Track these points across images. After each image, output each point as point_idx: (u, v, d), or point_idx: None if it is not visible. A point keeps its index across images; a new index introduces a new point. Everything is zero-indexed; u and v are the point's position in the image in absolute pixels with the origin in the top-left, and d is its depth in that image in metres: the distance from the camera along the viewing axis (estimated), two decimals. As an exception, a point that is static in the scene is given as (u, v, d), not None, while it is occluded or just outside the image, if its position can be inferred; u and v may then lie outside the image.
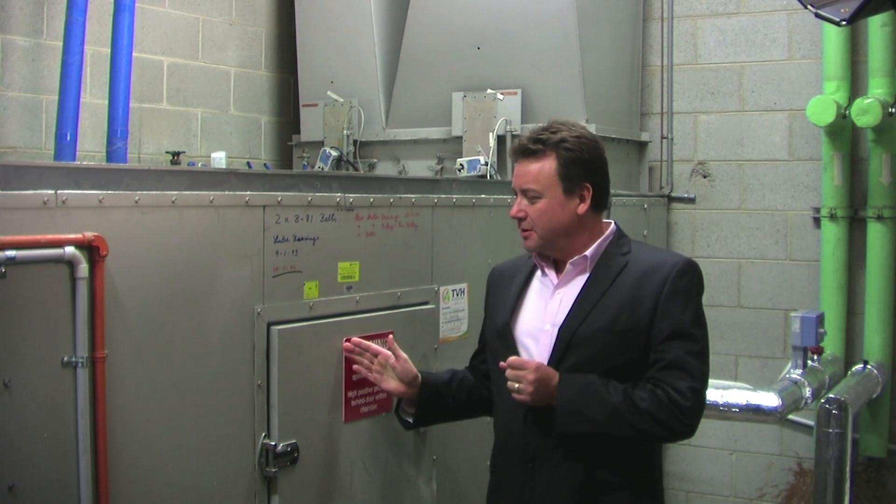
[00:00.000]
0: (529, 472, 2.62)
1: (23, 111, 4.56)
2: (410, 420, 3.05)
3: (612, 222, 2.76)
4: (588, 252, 2.66)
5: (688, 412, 2.53)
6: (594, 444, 2.56)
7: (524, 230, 2.69)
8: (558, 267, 2.72)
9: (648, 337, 2.57)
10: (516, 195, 2.71)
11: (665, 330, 2.55)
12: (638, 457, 2.64)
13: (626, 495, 2.60)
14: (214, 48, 5.49)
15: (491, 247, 3.90)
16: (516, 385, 2.58)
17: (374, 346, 3.12)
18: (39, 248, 2.43)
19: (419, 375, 3.01)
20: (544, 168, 2.64)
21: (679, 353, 2.54)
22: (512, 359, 2.61)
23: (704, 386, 2.59)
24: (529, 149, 2.66)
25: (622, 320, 2.57)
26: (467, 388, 3.00)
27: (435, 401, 3.00)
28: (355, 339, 3.17)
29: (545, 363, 2.61)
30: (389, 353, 3.06)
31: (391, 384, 3.03)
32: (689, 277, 2.61)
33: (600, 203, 2.70)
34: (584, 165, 2.66)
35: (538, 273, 2.76)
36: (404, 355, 3.04)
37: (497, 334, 2.77)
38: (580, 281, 2.66)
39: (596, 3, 5.18)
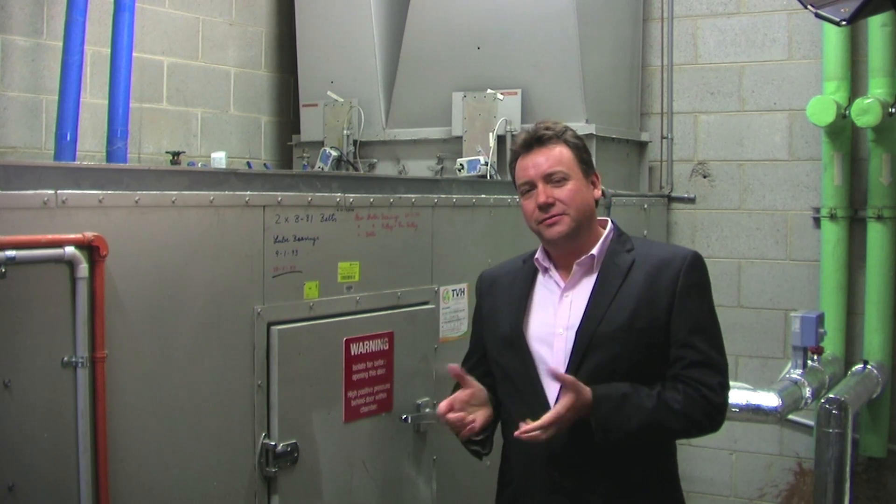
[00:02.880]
0: (555, 483, 2.58)
1: (23, 111, 4.56)
2: (484, 449, 2.70)
3: (609, 220, 2.73)
4: (594, 251, 2.63)
5: (720, 408, 2.55)
6: (622, 451, 2.53)
7: (554, 216, 2.58)
8: (560, 269, 2.67)
9: (667, 333, 2.55)
10: (531, 189, 2.62)
11: (684, 326, 2.54)
12: (663, 460, 2.64)
13: (656, 496, 2.60)
14: (214, 48, 5.49)
15: (491, 247, 3.89)
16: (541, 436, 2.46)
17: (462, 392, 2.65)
18: (39, 248, 2.43)
19: (484, 389, 2.67)
20: (563, 152, 2.61)
21: (703, 348, 2.54)
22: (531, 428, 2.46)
23: (728, 379, 2.61)
24: (544, 136, 2.62)
25: (641, 318, 2.54)
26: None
27: (496, 415, 2.72)
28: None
29: (562, 367, 2.56)
30: (470, 388, 2.64)
31: (481, 414, 2.63)
32: (699, 271, 2.61)
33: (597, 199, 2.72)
34: (588, 155, 2.69)
35: (540, 277, 2.70)
36: (470, 379, 2.67)
37: (505, 342, 2.68)
38: (588, 281, 2.62)
39: (596, 3, 5.18)
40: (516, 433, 2.48)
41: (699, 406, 2.51)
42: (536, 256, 2.71)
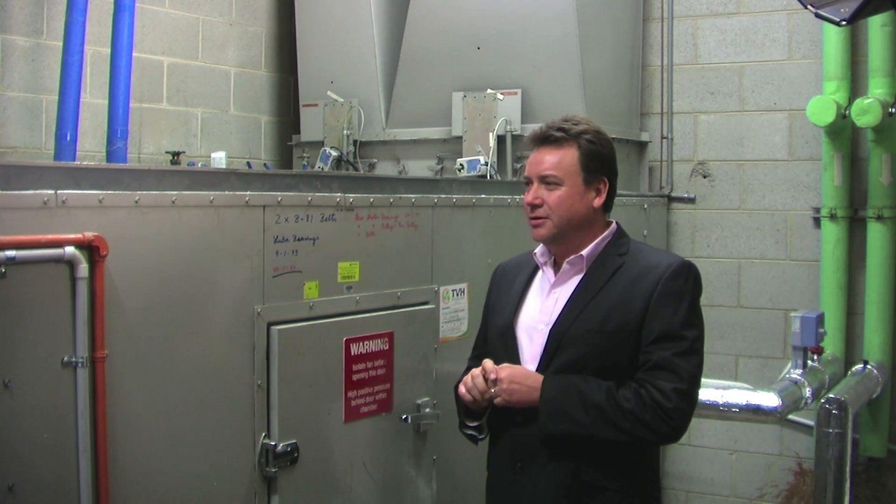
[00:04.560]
0: (518, 472, 2.61)
1: (23, 111, 4.56)
2: (480, 434, 2.76)
3: (614, 222, 2.75)
4: (584, 252, 2.65)
5: (672, 414, 2.48)
6: (581, 445, 2.53)
7: (537, 218, 2.64)
8: (557, 265, 2.71)
9: (638, 338, 2.54)
10: (529, 184, 2.67)
11: (654, 331, 2.52)
12: (628, 458, 2.58)
13: (615, 497, 2.55)
14: (214, 48, 5.49)
15: (491, 247, 3.90)
16: (492, 390, 2.59)
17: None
18: (39, 248, 2.43)
19: None
20: (566, 156, 2.63)
21: (666, 353, 2.50)
22: (482, 369, 2.61)
23: (692, 388, 2.53)
24: (553, 136, 2.64)
25: (612, 321, 2.55)
26: None
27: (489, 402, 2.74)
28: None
29: (536, 361, 2.61)
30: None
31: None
32: (682, 279, 2.57)
33: (609, 201, 2.71)
34: (603, 160, 2.68)
35: (539, 271, 2.75)
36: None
37: (498, 333, 2.75)
38: (576, 280, 2.65)
39: (596, 3, 5.18)
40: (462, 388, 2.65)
41: (649, 409, 2.47)
42: (535, 251, 2.75)
